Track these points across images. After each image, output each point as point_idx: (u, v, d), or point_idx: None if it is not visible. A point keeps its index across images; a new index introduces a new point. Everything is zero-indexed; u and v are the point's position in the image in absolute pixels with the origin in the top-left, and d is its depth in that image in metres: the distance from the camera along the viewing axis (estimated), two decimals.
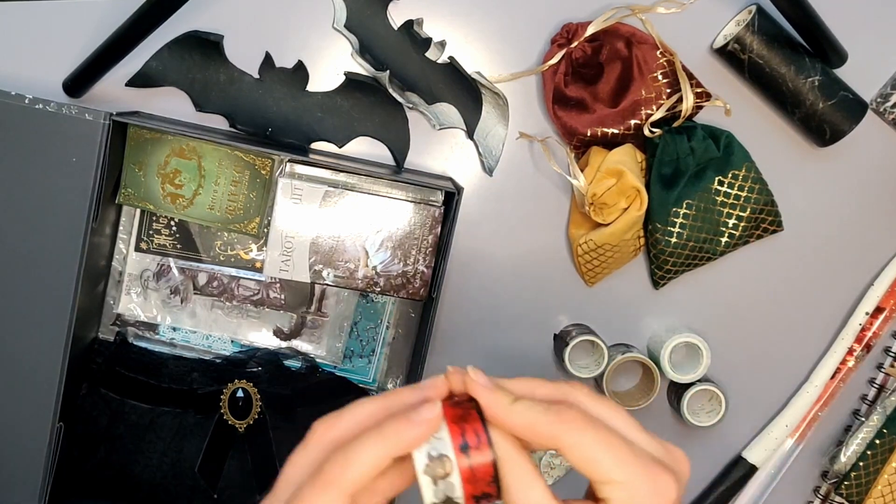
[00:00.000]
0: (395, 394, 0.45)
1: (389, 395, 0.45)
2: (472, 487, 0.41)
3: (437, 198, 0.72)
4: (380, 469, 0.41)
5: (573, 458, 0.40)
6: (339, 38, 0.73)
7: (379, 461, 0.40)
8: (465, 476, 0.41)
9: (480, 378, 0.45)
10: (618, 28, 0.71)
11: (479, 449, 0.41)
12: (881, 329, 0.78)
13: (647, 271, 0.77)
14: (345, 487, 0.40)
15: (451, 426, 0.42)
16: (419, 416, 0.41)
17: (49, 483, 0.67)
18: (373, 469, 0.40)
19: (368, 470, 0.40)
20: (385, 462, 0.41)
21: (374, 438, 0.41)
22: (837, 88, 0.72)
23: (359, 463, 0.40)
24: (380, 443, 0.41)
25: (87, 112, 0.64)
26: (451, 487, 0.41)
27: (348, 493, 0.40)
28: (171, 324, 0.75)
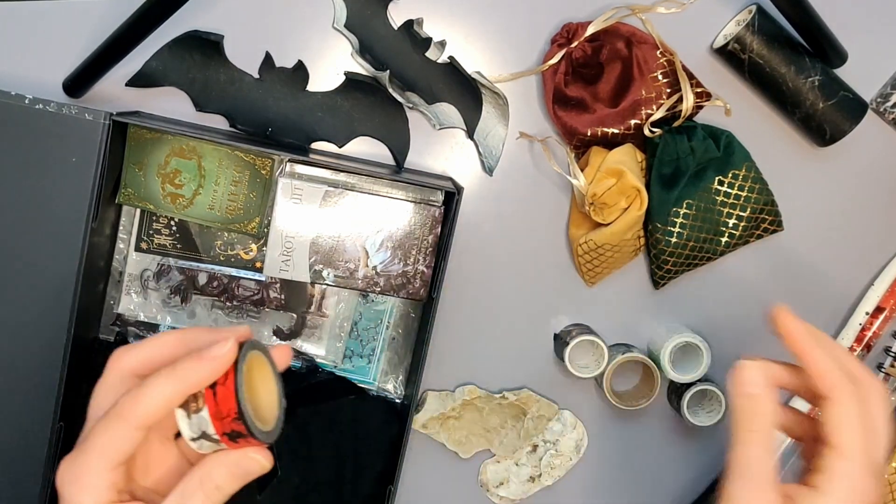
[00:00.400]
0: (194, 330, 0.46)
1: (188, 329, 0.47)
2: (220, 424, 0.42)
3: (437, 198, 0.72)
4: (172, 404, 0.42)
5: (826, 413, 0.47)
6: (339, 38, 0.73)
7: (171, 396, 0.42)
8: (212, 412, 0.42)
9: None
10: (618, 28, 0.71)
11: (226, 387, 0.42)
12: (881, 329, 0.78)
13: (647, 271, 0.78)
14: (135, 422, 0.41)
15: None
16: (210, 353, 0.43)
17: (49, 483, 0.67)
18: (164, 404, 0.42)
19: (160, 405, 0.42)
20: (177, 397, 0.42)
21: (166, 374, 0.42)
22: (837, 88, 0.72)
23: (150, 398, 0.42)
24: (171, 378, 0.42)
25: (87, 112, 0.64)
26: (204, 423, 0.42)
27: (139, 427, 0.42)
28: (171, 324, 0.75)
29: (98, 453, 0.42)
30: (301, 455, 0.72)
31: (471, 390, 0.76)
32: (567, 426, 0.78)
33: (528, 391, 0.77)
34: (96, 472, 0.42)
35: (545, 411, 0.77)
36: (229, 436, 0.43)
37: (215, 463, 0.44)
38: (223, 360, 0.43)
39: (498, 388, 0.78)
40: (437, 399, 0.77)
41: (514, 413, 0.77)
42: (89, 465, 0.42)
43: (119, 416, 0.42)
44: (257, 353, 0.46)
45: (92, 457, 0.42)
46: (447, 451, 0.78)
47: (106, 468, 0.42)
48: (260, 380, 0.46)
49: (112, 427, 0.42)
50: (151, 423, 0.43)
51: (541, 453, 0.78)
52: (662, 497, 0.81)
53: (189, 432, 0.44)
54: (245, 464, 0.44)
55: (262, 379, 0.47)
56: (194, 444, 0.44)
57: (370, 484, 0.73)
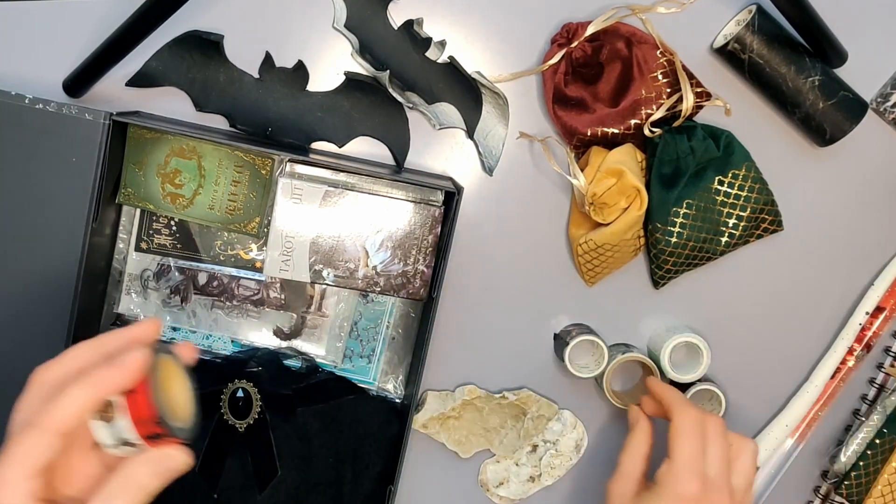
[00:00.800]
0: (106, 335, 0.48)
1: (102, 336, 0.48)
2: (141, 428, 0.44)
3: (437, 198, 0.72)
4: (86, 410, 0.44)
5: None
6: (339, 38, 0.73)
7: (84, 403, 0.43)
8: (133, 418, 0.44)
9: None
10: (618, 28, 0.71)
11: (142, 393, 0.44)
12: (881, 329, 0.78)
13: (647, 271, 0.78)
14: (51, 428, 0.43)
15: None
16: (122, 361, 0.44)
17: None
18: (79, 410, 0.43)
19: (75, 412, 0.43)
20: (91, 404, 0.43)
21: (80, 383, 0.43)
22: (837, 88, 0.72)
23: (65, 405, 0.43)
24: (86, 386, 0.43)
25: (87, 112, 0.64)
26: (121, 430, 0.44)
27: (54, 434, 0.43)
28: (171, 324, 0.75)
29: (17, 463, 0.43)
30: (301, 455, 0.72)
31: (471, 390, 0.76)
32: (567, 426, 0.78)
33: (527, 391, 0.77)
34: (15, 481, 0.42)
35: (545, 411, 0.77)
36: (151, 437, 0.45)
37: (137, 463, 0.45)
38: (134, 368, 0.44)
39: (498, 388, 0.78)
40: (437, 399, 0.77)
41: (513, 413, 0.77)
42: (8, 475, 0.42)
43: (35, 424, 0.43)
44: (165, 355, 0.47)
45: (10, 467, 0.43)
46: (447, 451, 0.78)
47: (24, 477, 0.43)
48: (171, 379, 0.48)
49: (29, 436, 0.43)
50: (66, 431, 0.43)
51: (541, 453, 0.78)
52: None
53: (107, 440, 0.45)
54: (166, 462, 0.45)
55: (173, 378, 0.48)
56: (113, 450, 0.45)
57: (370, 484, 0.73)
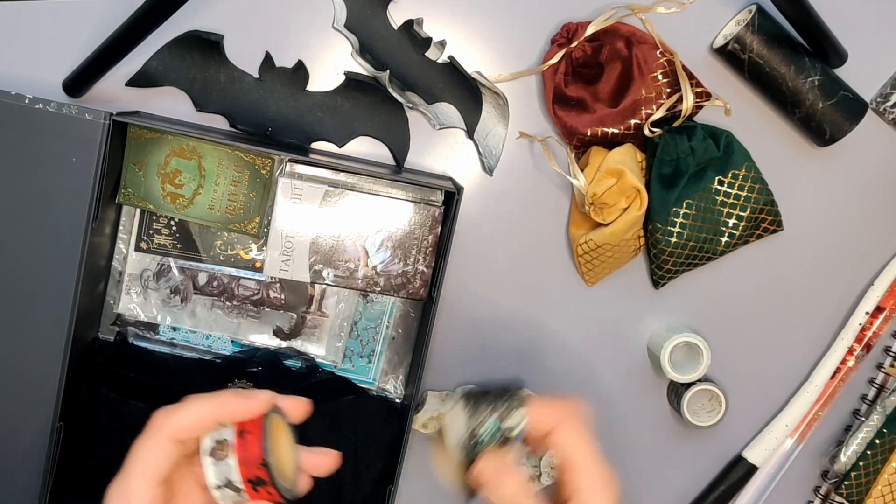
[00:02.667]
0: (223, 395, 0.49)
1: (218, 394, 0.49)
2: (245, 469, 0.46)
3: (437, 198, 0.72)
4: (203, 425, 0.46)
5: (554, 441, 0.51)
6: (339, 38, 0.73)
7: (203, 415, 0.46)
8: (240, 457, 0.46)
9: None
10: (618, 28, 0.71)
11: (254, 434, 0.46)
12: (881, 329, 0.78)
13: (647, 271, 0.77)
14: (167, 432, 0.45)
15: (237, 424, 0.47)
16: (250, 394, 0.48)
17: (49, 483, 0.67)
18: (196, 420, 0.46)
19: (192, 421, 0.46)
20: (207, 419, 0.46)
21: (204, 399, 0.47)
22: (837, 88, 0.72)
23: (184, 413, 0.46)
24: (208, 402, 0.46)
25: (87, 112, 0.64)
26: (229, 469, 0.46)
27: (170, 437, 0.45)
28: (171, 324, 0.75)
29: (139, 470, 0.46)
30: None
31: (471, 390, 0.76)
32: None
33: (528, 391, 0.77)
34: (138, 488, 0.45)
35: None
36: (252, 483, 0.46)
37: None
38: (258, 402, 0.47)
39: None
40: (437, 399, 0.77)
41: None
42: (133, 481, 0.45)
43: (154, 428, 0.46)
44: (279, 417, 0.49)
45: (134, 475, 0.46)
46: None
47: (147, 485, 0.45)
48: (280, 439, 0.50)
49: (149, 442, 0.46)
50: (184, 437, 0.46)
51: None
52: (662, 497, 0.81)
53: (214, 480, 0.47)
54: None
55: (282, 438, 0.50)
56: (217, 492, 0.47)
57: (370, 484, 0.73)
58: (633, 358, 0.79)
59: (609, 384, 0.79)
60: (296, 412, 0.51)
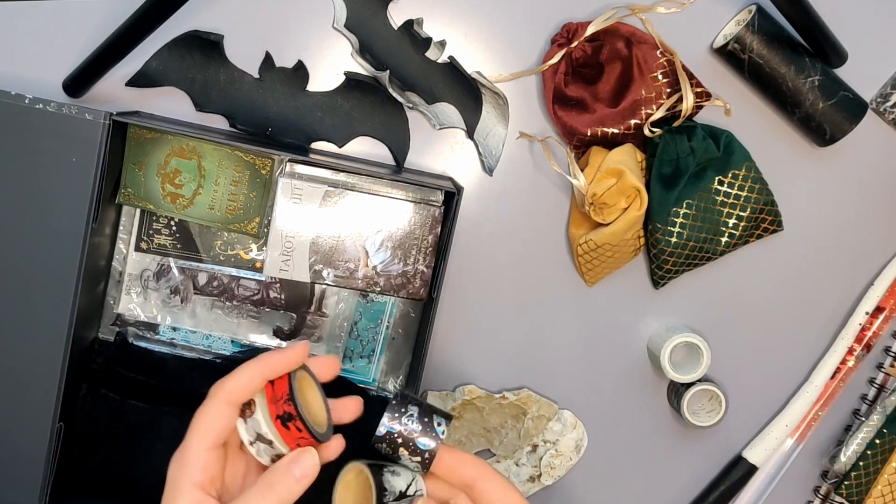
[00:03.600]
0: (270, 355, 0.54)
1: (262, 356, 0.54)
2: (274, 407, 0.50)
3: (437, 198, 0.72)
4: (253, 384, 0.50)
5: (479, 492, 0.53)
6: (339, 38, 0.73)
7: (252, 375, 0.50)
8: (268, 397, 0.50)
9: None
10: (618, 28, 0.71)
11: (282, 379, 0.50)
12: (881, 329, 0.78)
13: (647, 271, 0.78)
14: (222, 396, 0.50)
15: (266, 384, 0.51)
16: (288, 349, 0.52)
17: (49, 483, 0.67)
18: (247, 381, 0.50)
19: (243, 383, 0.50)
20: (257, 378, 0.50)
21: (250, 362, 0.51)
22: (837, 88, 0.72)
23: (235, 377, 0.50)
24: (254, 364, 0.51)
25: (87, 112, 0.64)
26: (257, 423, 0.49)
27: (226, 401, 0.50)
28: (171, 324, 0.75)
29: (197, 435, 0.50)
30: None
31: (471, 390, 0.76)
32: (567, 426, 0.78)
33: (528, 391, 0.77)
34: (195, 452, 0.49)
35: (545, 411, 0.77)
36: (282, 419, 0.49)
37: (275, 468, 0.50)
38: (297, 353, 0.52)
39: (498, 388, 0.78)
40: (437, 399, 0.77)
41: (514, 413, 0.77)
42: (190, 445, 0.49)
43: (209, 395, 0.50)
44: (304, 371, 0.53)
45: (192, 439, 0.50)
46: None
47: (203, 447, 0.49)
48: (307, 389, 0.54)
49: (206, 407, 0.50)
50: (235, 400, 0.50)
51: (541, 453, 0.78)
52: (662, 497, 0.81)
53: (246, 436, 0.50)
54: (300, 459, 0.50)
55: (309, 388, 0.54)
56: (252, 448, 0.51)
57: None
58: (633, 358, 0.79)
59: (609, 384, 0.79)
60: (325, 371, 0.55)
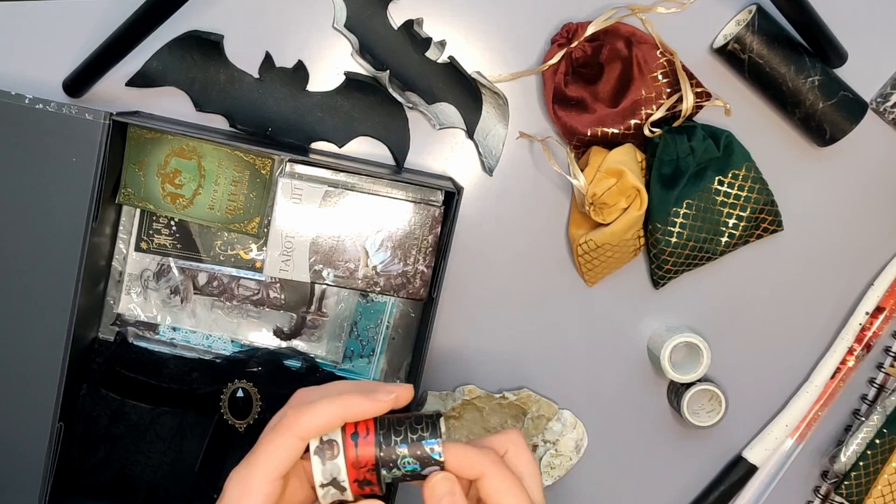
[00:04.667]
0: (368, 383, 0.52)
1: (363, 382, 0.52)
2: (355, 472, 0.48)
3: (437, 198, 0.72)
4: (331, 425, 0.48)
5: (484, 489, 0.49)
6: (339, 38, 0.73)
7: (332, 417, 0.48)
8: (350, 460, 0.48)
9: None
10: (618, 28, 0.71)
11: (367, 440, 0.48)
12: (881, 329, 0.78)
13: (647, 271, 0.78)
14: (297, 431, 0.47)
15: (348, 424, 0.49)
16: (375, 394, 0.49)
17: (49, 483, 0.67)
18: (325, 422, 0.48)
19: (321, 422, 0.47)
20: (336, 419, 0.48)
21: (332, 399, 0.48)
22: (837, 88, 0.72)
23: (314, 414, 0.47)
24: (336, 403, 0.48)
25: (87, 112, 0.64)
26: (336, 469, 0.48)
27: (300, 436, 0.47)
28: (171, 324, 0.75)
29: (263, 461, 0.47)
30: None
31: (471, 390, 0.76)
32: (567, 426, 0.78)
33: (528, 391, 0.77)
34: (260, 480, 0.47)
35: (545, 411, 0.77)
36: (359, 483, 0.48)
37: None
38: (384, 403, 0.49)
39: (498, 388, 0.78)
40: (437, 399, 0.77)
41: (514, 413, 0.77)
42: (256, 472, 0.47)
43: (287, 427, 0.48)
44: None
45: (258, 465, 0.47)
46: None
47: (268, 478, 0.47)
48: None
49: (277, 436, 0.47)
50: (312, 436, 0.48)
51: (541, 453, 0.78)
52: (662, 497, 0.81)
53: (321, 478, 0.48)
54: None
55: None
56: (321, 490, 0.49)
57: None
58: (633, 358, 0.79)
59: (609, 384, 0.79)
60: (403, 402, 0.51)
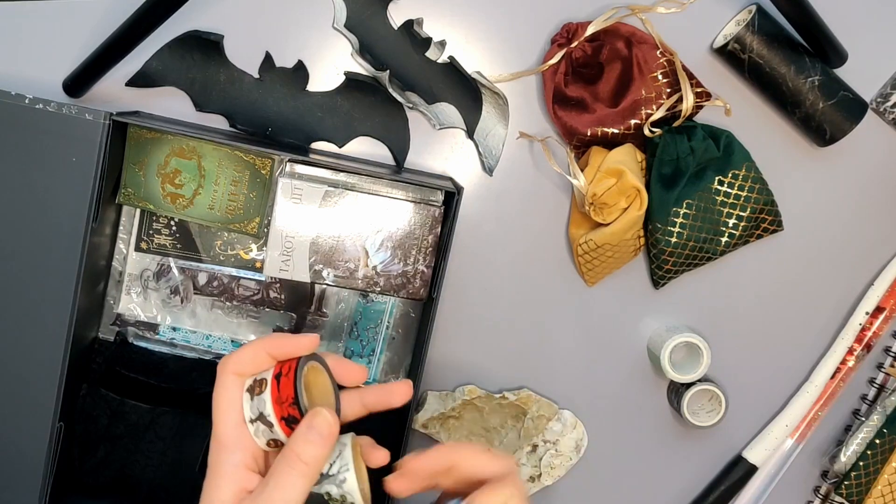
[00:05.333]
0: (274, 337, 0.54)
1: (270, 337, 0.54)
2: (279, 409, 0.49)
3: (437, 198, 0.72)
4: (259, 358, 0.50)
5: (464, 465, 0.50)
6: (339, 38, 0.73)
7: (258, 350, 0.50)
8: (273, 397, 0.49)
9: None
10: (618, 28, 0.71)
11: (288, 377, 0.49)
12: (881, 329, 0.78)
13: (647, 271, 0.78)
14: (231, 368, 0.50)
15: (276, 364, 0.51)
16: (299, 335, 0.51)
17: (49, 483, 0.67)
18: (253, 355, 0.50)
19: (250, 356, 0.50)
20: (261, 355, 0.50)
21: (259, 339, 0.51)
22: (837, 88, 0.72)
23: (241, 350, 0.50)
24: (261, 342, 0.50)
25: (87, 112, 0.64)
26: (262, 403, 0.49)
27: (234, 372, 0.50)
28: (171, 324, 0.75)
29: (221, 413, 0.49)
30: None
31: (471, 390, 0.76)
32: (567, 426, 0.78)
33: (528, 391, 0.77)
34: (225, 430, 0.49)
35: (545, 411, 0.77)
36: (286, 420, 0.49)
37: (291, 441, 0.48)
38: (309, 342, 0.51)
39: (498, 388, 0.78)
40: (437, 399, 0.77)
41: (514, 413, 0.77)
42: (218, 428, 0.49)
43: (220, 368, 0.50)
44: (316, 363, 0.53)
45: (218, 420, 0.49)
46: None
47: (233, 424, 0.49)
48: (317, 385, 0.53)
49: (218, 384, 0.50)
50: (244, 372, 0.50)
51: (541, 453, 0.78)
52: (662, 497, 0.81)
53: (249, 413, 0.50)
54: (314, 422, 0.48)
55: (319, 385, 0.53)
56: (251, 426, 0.50)
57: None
58: (633, 358, 0.79)
59: (609, 384, 0.79)
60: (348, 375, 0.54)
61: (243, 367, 0.50)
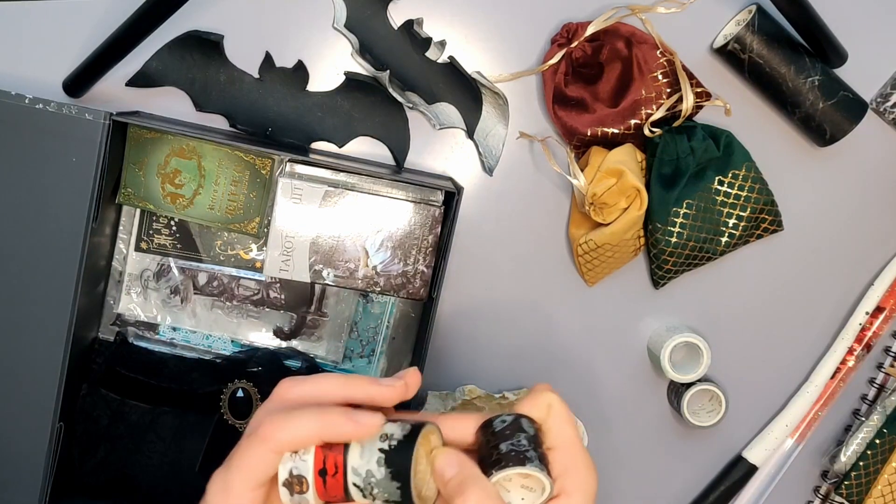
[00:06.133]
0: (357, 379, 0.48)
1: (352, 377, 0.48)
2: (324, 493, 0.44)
3: (437, 198, 0.72)
4: (307, 441, 0.44)
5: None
6: (339, 38, 0.73)
7: (309, 434, 0.44)
8: (319, 493, 0.44)
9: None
10: (618, 28, 0.71)
11: (335, 478, 0.44)
12: (881, 329, 0.78)
13: (647, 271, 0.78)
14: (273, 446, 0.44)
15: (317, 450, 0.45)
16: (360, 417, 0.45)
17: (49, 483, 0.67)
18: (301, 438, 0.44)
19: (297, 438, 0.44)
20: (313, 438, 0.44)
21: (314, 414, 0.45)
22: (837, 88, 0.72)
23: (291, 429, 0.44)
24: (316, 420, 0.44)
25: (87, 112, 0.64)
26: (305, 502, 0.45)
27: (275, 451, 0.44)
28: (171, 324, 0.75)
29: (241, 475, 0.45)
30: None
31: (471, 390, 0.76)
32: None
33: (527, 391, 0.77)
34: (240, 488, 0.45)
35: None
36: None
37: None
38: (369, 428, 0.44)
39: (498, 389, 0.78)
40: (437, 399, 0.77)
41: None
42: (235, 480, 0.45)
43: (260, 438, 0.45)
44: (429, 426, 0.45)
45: (238, 473, 0.45)
46: None
47: (248, 486, 0.45)
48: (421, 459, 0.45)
49: (253, 447, 0.45)
50: (287, 450, 0.45)
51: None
52: (662, 497, 0.81)
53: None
54: None
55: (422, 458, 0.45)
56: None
57: None
58: (633, 358, 0.79)
59: (609, 384, 0.79)
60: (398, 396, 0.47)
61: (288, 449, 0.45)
